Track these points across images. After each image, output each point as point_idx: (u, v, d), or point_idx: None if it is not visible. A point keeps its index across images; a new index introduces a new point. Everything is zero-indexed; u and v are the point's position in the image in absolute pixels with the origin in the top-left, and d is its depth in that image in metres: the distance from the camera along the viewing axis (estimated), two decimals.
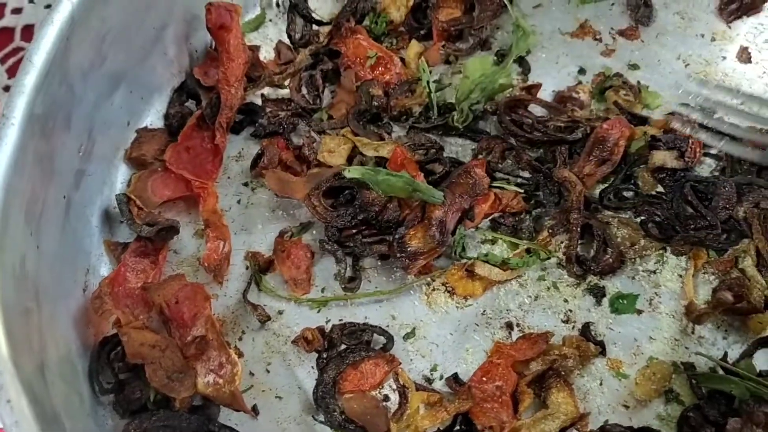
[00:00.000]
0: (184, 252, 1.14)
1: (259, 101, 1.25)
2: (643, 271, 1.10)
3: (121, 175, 1.18)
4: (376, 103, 1.20)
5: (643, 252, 1.11)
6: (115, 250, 1.10)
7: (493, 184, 1.15)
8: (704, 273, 1.10)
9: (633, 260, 1.11)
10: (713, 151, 1.19)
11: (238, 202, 1.18)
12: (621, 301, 1.08)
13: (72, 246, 1.04)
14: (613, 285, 1.10)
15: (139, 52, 1.17)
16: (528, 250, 1.12)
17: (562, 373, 1.02)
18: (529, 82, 1.27)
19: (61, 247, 1.00)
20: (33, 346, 0.85)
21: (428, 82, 1.23)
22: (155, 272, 1.08)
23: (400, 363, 1.04)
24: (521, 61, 1.29)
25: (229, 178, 1.20)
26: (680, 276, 1.10)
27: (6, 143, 0.88)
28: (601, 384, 1.03)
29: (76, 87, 1.02)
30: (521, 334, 1.06)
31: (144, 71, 1.19)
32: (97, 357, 0.99)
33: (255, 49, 1.29)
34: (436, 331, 1.08)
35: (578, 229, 1.10)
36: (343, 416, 1.00)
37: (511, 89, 1.25)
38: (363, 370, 1.03)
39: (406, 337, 1.07)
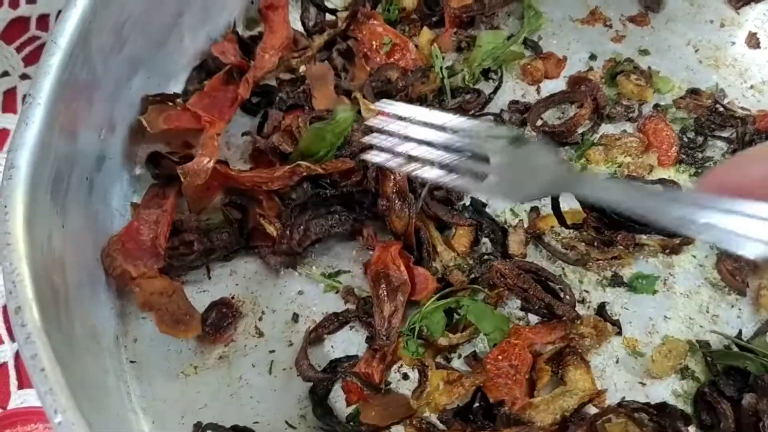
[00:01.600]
0: None
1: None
2: (657, 252, 1.12)
3: (139, 161, 1.19)
4: (395, 86, 1.21)
5: (599, 261, 1.11)
6: None
7: None
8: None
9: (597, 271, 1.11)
10: (725, 134, 1.21)
11: None
12: (641, 281, 1.09)
13: (94, 227, 1.05)
14: (629, 267, 1.11)
15: (157, 38, 1.19)
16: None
17: (579, 351, 1.03)
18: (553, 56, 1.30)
19: (84, 227, 1.02)
20: (61, 320, 0.86)
21: (441, 68, 1.25)
22: (165, 219, 1.09)
23: None
24: (534, 46, 1.30)
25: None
26: (694, 257, 1.12)
27: (33, 122, 0.89)
28: (617, 362, 1.04)
29: (98, 70, 1.04)
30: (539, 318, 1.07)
31: (161, 57, 1.20)
32: None
33: None
34: None
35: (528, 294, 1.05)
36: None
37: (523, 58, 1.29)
38: None
39: None
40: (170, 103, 1.19)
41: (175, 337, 1.01)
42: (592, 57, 1.31)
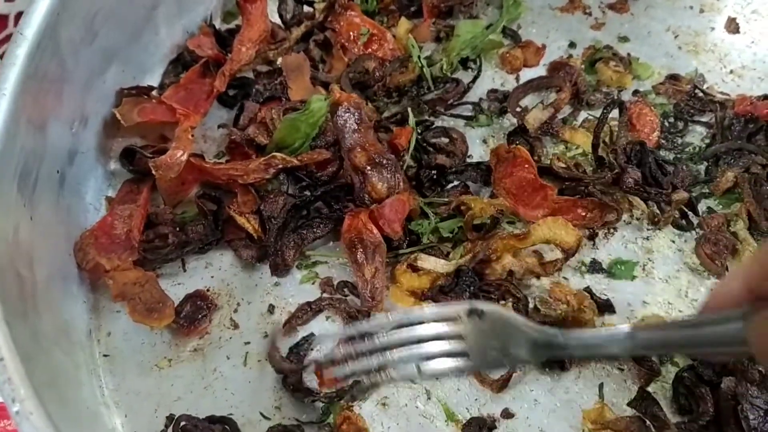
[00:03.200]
0: None
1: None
2: (636, 238, 1.11)
3: (114, 155, 1.18)
4: (373, 76, 1.21)
5: None
6: None
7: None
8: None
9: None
10: (704, 119, 1.20)
11: None
12: (619, 266, 1.09)
13: (67, 221, 1.05)
14: (607, 253, 1.10)
15: (131, 31, 1.18)
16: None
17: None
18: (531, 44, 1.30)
19: (55, 220, 1.01)
20: (27, 312, 0.85)
21: (419, 57, 1.24)
22: (139, 213, 1.08)
23: None
24: (513, 35, 1.30)
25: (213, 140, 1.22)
26: (673, 242, 1.11)
27: None
28: None
29: (68, 63, 1.03)
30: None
31: (136, 50, 1.20)
32: None
33: None
34: None
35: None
36: None
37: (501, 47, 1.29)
38: None
39: None
40: (145, 96, 1.18)
41: (148, 325, 1.00)
42: (572, 45, 1.30)
